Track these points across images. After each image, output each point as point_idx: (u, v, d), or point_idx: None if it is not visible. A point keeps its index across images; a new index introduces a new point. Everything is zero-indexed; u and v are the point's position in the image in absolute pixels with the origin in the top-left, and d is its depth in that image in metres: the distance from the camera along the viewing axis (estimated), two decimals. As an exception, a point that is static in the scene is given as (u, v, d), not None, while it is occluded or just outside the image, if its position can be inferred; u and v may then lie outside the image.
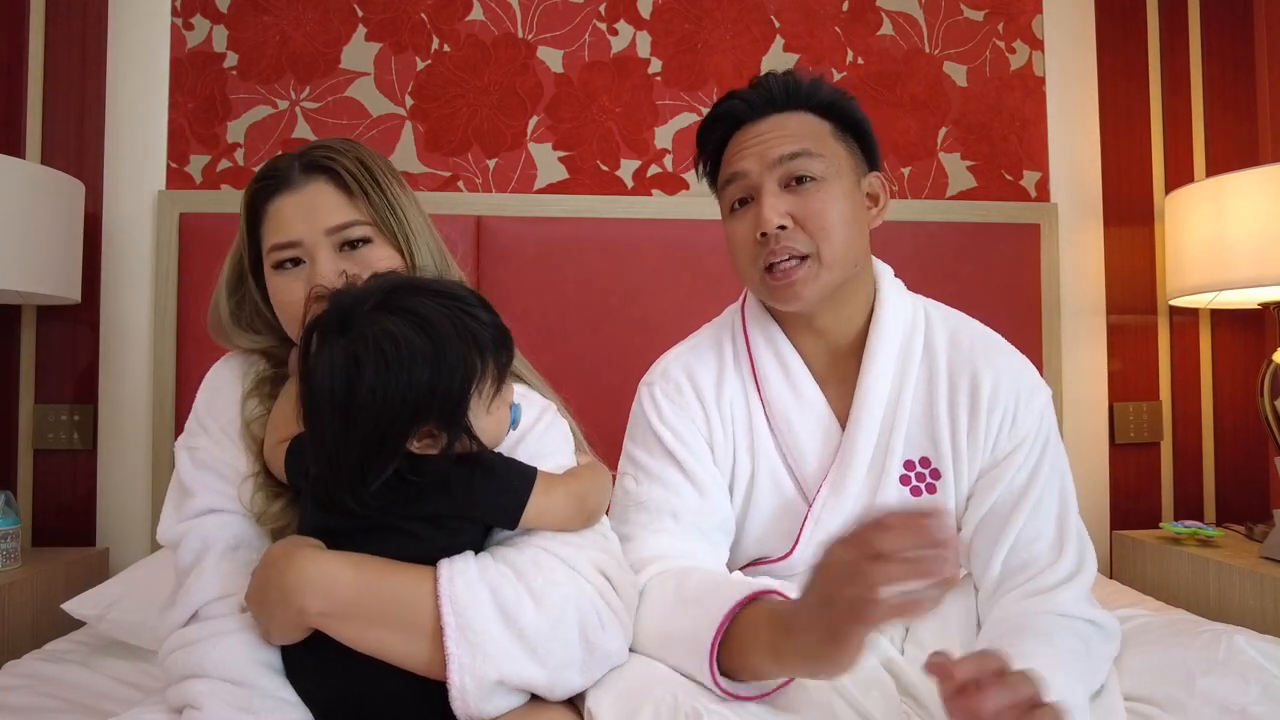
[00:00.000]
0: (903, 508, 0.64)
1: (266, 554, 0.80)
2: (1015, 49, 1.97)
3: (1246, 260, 1.59)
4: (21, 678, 1.19)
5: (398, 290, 0.76)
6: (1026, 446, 0.99)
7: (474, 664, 0.75)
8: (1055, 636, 0.87)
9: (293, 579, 0.75)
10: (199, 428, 0.94)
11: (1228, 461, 1.97)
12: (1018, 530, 0.97)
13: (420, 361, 0.73)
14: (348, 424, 0.73)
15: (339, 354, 0.73)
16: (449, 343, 0.74)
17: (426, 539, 0.80)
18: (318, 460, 0.77)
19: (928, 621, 1.02)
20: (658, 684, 0.79)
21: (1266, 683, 0.89)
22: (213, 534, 0.86)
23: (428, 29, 1.88)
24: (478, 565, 0.79)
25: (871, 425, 1.01)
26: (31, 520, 1.76)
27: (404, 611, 0.76)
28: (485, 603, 0.77)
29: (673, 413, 1.05)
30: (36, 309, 1.78)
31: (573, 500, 0.86)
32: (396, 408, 0.72)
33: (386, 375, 0.72)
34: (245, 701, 0.76)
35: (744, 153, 1.00)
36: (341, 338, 0.73)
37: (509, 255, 1.76)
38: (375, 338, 0.72)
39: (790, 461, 1.05)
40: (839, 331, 1.05)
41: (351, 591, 0.75)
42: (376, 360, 0.72)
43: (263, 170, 0.96)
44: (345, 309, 0.75)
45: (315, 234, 0.91)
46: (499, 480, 0.82)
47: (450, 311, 0.75)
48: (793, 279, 0.97)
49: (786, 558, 1.03)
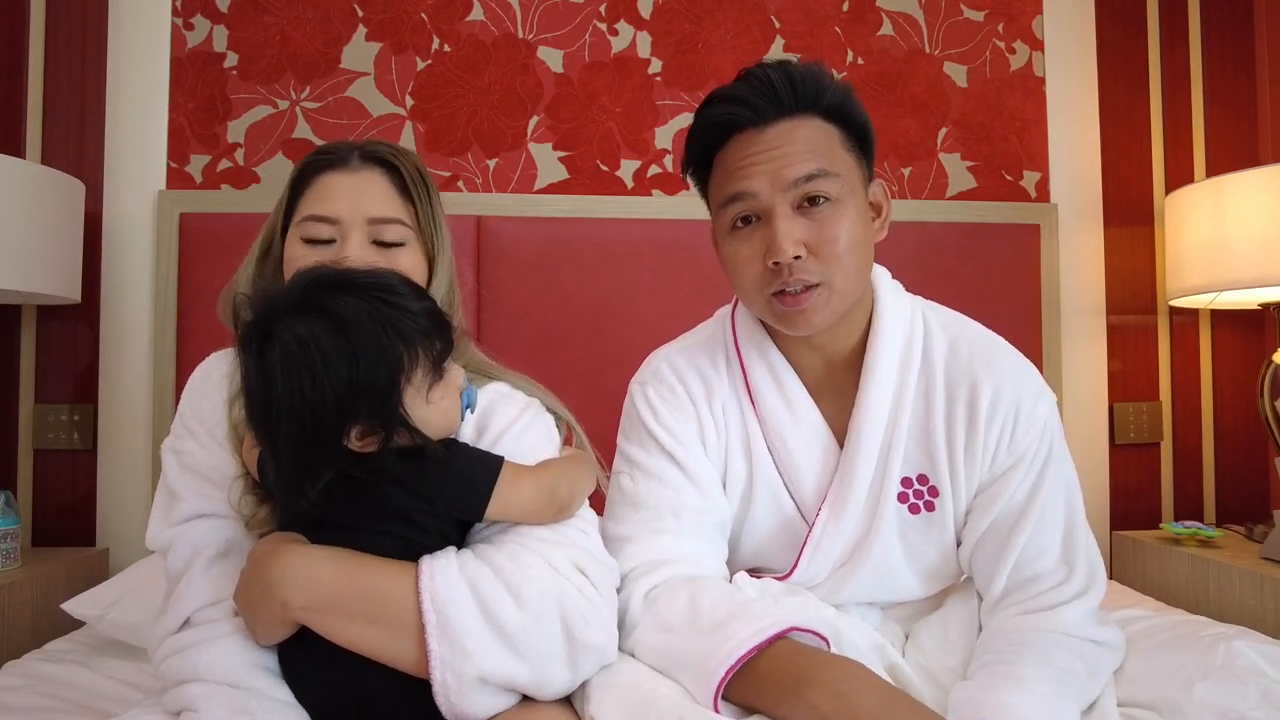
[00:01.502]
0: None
1: (252, 551, 0.80)
2: (1015, 49, 1.97)
3: (1246, 261, 1.59)
4: (21, 678, 1.19)
5: (314, 287, 0.76)
6: (1027, 462, 0.95)
7: (455, 660, 0.75)
8: (1054, 655, 0.86)
9: (276, 573, 0.75)
10: (185, 430, 0.93)
11: (1228, 462, 1.97)
12: (1020, 547, 0.94)
13: (336, 361, 0.72)
14: (273, 432, 0.74)
15: (253, 364, 0.73)
16: (366, 337, 0.73)
17: (402, 537, 0.80)
18: (271, 465, 0.78)
19: (930, 627, 1.02)
20: (663, 697, 0.79)
21: (1265, 688, 0.88)
22: (202, 539, 0.86)
23: (428, 29, 1.88)
24: (458, 561, 0.79)
25: (872, 446, 0.98)
26: (31, 520, 1.76)
27: (386, 606, 0.76)
28: (465, 599, 0.76)
29: (667, 412, 1.03)
30: (36, 309, 1.78)
31: (542, 492, 0.85)
32: (317, 410, 0.72)
33: (299, 381, 0.72)
34: (241, 703, 0.76)
35: (751, 170, 0.92)
36: (260, 344, 0.73)
37: (509, 255, 1.76)
38: (286, 344, 0.72)
39: (787, 479, 1.02)
40: (836, 346, 1.01)
41: (332, 586, 0.75)
42: (286, 368, 0.72)
43: (320, 148, 0.97)
44: (264, 317, 0.74)
45: (356, 217, 0.91)
46: (456, 472, 0.81)
47: (370, 305, 0.75)
48: (804, 306, 0.92)
49: (786, 577, 1.02)
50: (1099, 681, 0.90)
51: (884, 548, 0.99)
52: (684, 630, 0.86)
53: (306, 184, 0.95)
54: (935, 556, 1.01)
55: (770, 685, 0.80)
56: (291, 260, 0.92)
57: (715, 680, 0.80)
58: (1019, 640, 0.89)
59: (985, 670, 0.87)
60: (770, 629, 0.82)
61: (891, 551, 0.99)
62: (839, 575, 1.01)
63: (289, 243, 0.94)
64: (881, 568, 1.00)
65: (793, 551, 1.01)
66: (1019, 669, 0.84)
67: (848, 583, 1.01)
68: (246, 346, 0.74)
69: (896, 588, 1.03)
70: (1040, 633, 0.89)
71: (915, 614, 1.06)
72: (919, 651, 0.99)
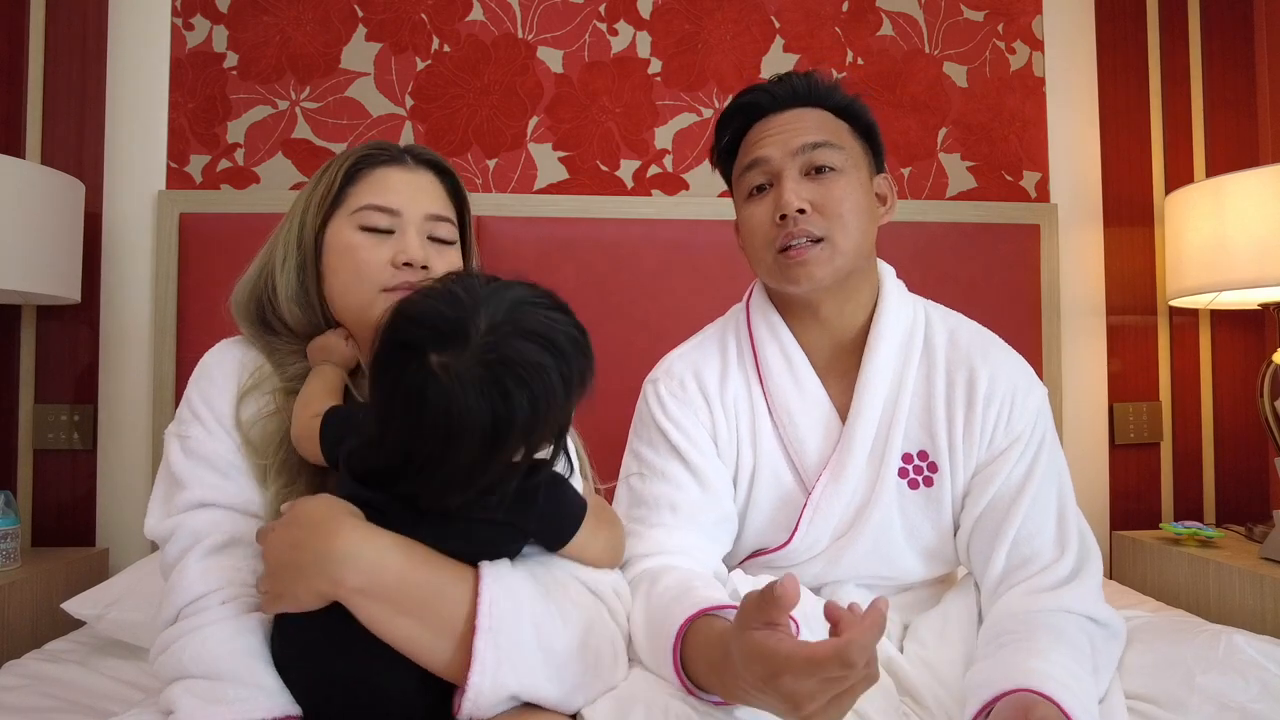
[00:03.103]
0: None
1: (300, 512, 0.77)
2: (1015, 49, 1.97)
3: (1246, 261, 1.59)
4: (21, 678, 1.19)
5: (523, 307, 0.74)
6: (1022, 443, 1.00)
7: (498, 670, 0.74)
8: (1066, 631, 0.88)
9: (340, 548, 0.73)
10: (191, 415, 0.92)
11: (1227, 462, 1.97)
12: (1018, 525, 0.97)
13: (559, 384, 0.72)
14: (492, 447, 0.71)
15: (473, 375, 0.70)
16: (572, 360, 0.74)
17: (477, 539, 0.80)
18: (407, 463, 0.74)
19: (929, 620, 1.03)
20: (650, 689, 0.80)
21: (1266, 680, 0.89)
22: (203, 530, 0.85)
23: (428, 29, 1.88)
24: (519, 576, 0.79)
25: (871, 417, 1.02)
26: (31, 520, 1.76)
27: (439, 605, 0.75)
28: (522, 612, 0.76)
29: (677, 408, 1.06)
30: (36, 309, 1.78)
31: (612, 550, 0.89)
32: (542, 431, 0.74)
33: (535, 402, 0.71)
34: (218, 694, 0.75)
35: (766, 140, 1.03)
36: (468, 354, 0.70)
37: (509, 255, 1.76)
38: (515, 362, 0.70)
39: (791, 452, 1.05)
40: (842, 325, 1.06)
41: (396, 577, 0.74)
42: (520, 387, 0.70)
43: (369, 144, 1.00)
44: (459, 321, 0.71)
45: (416, 212, 0.96)
46: (562, 503, 0.83)
47: (564, 326, 0.75)
48: (806, 257, 0.98)
49: (784, 547, 1.04)
50: (1105, 666, 0.91)
51: (883, 518, 1.02)
52: (643, 621, 0.87)
53: (360, 176, 0.97)
54: (933, 535, 1.04)
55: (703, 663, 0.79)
56: (349, 248, 0.94)
57: (669, 662, 0.80)
58: (1030, 620, 0.90)
59: (1000, 649, 0.87)
60: (699, 604, 0.82)
61: (891, 523, 1.03)
62: (838, 546, 1.04)
63: (338, 229, 0.95)
64: (880, 539, 1.03)
65: (792, 526, 1.04)
66: (1035, 644, 0.84)
67: (846, 554, 1.04)
68: (448, 350, 0.71)
69: (895, 564, 1.05)
70: (1048, 612, 0.90)
71: (914, 607, 1.07)
72: (918, 644, 1.00)
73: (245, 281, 0.99)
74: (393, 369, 0.72)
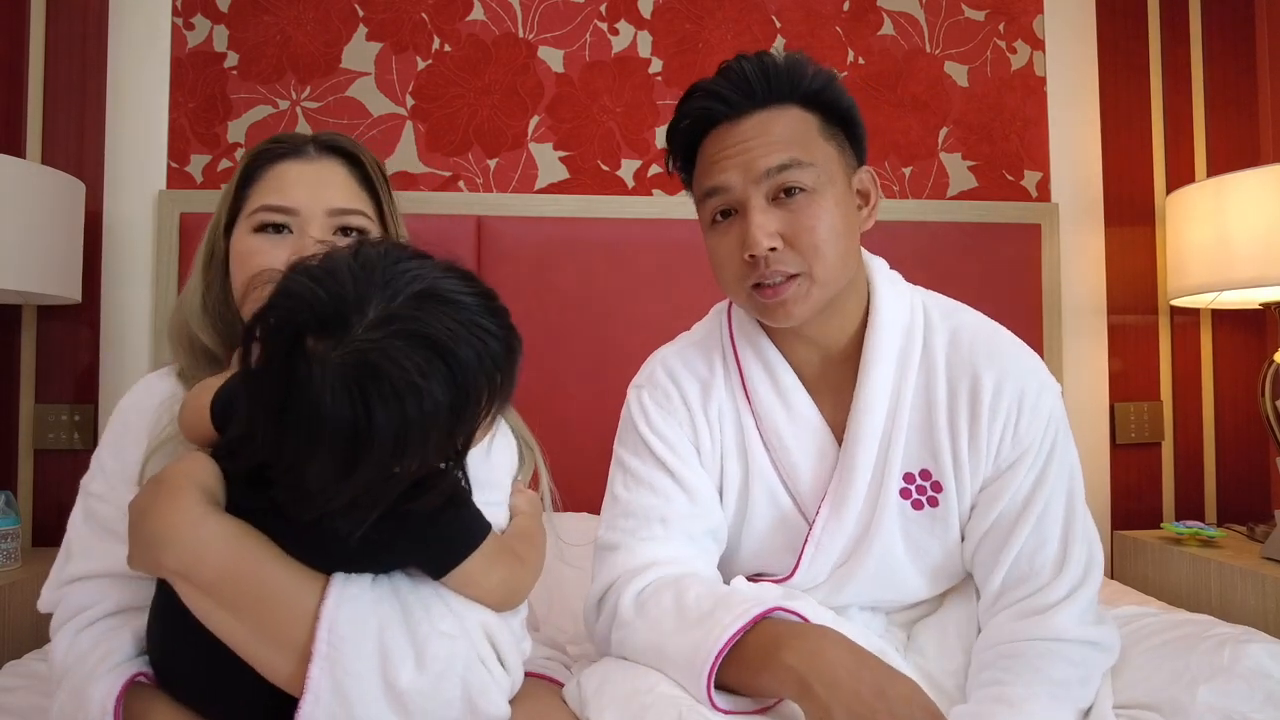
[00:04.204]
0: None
1: (160, 475, 0.71)
2: (1016, 49, 1.97)
3: (1247, 260, 1.59)
4: (21, 678, 1.18)
5: (429, 304, 0.63)
6: (1031, 454, 0.94)
7: (330, 701, 0.67)
8: (1046, 668, 0.87)
9: (158, 528, 0.67)
10: (98, 467, 0.87)
11: (1229, 462, 1.97)
12: (1022, 540, 0.93)
13: (440, 409, 0.61)
14: (354, 461, 0.61)
15: (339, 375, 0.59)
16: (473, 381, 0.63)
17: (337, 556, 0.71)
18: (285, 473, 0.65)
19: (930, 629, 1.01)
20: (661, 699, 0.80)
21: (1270, 690, 0.87)
22: (86, 602, 0.80)
23: (428, 29, 1.88)
24: (372, 596, 0.71)
25: (871, 442, 0.96)
26: (31, 520, 1.75)
27: (277, 612, 0.68)
28: (366, 641, 0.68)
29: (660, 418, 1.02)
30: (36, 309, 1.77)
31: (508, 590, 0.78)
32: (413, 457, 0.63)
33: (406, 425, 0.60)
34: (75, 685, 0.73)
35: (725, 163, 0.92)
36: (341, 349, 0.60)
37: (510, 255, 1.76)
38: (386, 375, 0.59)
39: (784, 477, 1.00)
40: (831, 339, 0.99)
41: (216, 571, 0.67)
42: (385, 404, 0.59)
43: (272, 138, 0.93)
44: (342, 305, 0.61)
45: (316, 208, 0.87)
46: (449, 526, 0.73)
47: (478, 337, 0.64)
48: (783, 296, 0.91)
49: (787, 579, 1.00)
50: (1092, 687, 0.90)
51: (885, 545, 0.97)
52: (672, 628, 0.86)
53: (257, 174, 0.90)
54: (940, 553, 0.99)
55: (751, 659, 0.81)
56: (245, 254, 0.86)
57: (705, 670, 0.81)
58: (1011, 653, 0.88)
59: (980, 692, 0.87)
60: (754, 609, 0.83)
61: (893, 549, 0.98)
62: (838, 575, 1.00)
63: (239, 235, 0.88)
64: (883, 566, 0.99)
65: (792, 553, 1.00)
66: (1011, 689, 0.84)
67: (848, 583, 1.00)
68: (320, 342, 0.60)
69: (901, 587, 1.01)
70: (1033, 642, 0.88)
71: (916, 615, 1.05)
72: (919, 654, 0.98)
73: (177, 308, 0.93)
74: (270, 346, 0.62)
